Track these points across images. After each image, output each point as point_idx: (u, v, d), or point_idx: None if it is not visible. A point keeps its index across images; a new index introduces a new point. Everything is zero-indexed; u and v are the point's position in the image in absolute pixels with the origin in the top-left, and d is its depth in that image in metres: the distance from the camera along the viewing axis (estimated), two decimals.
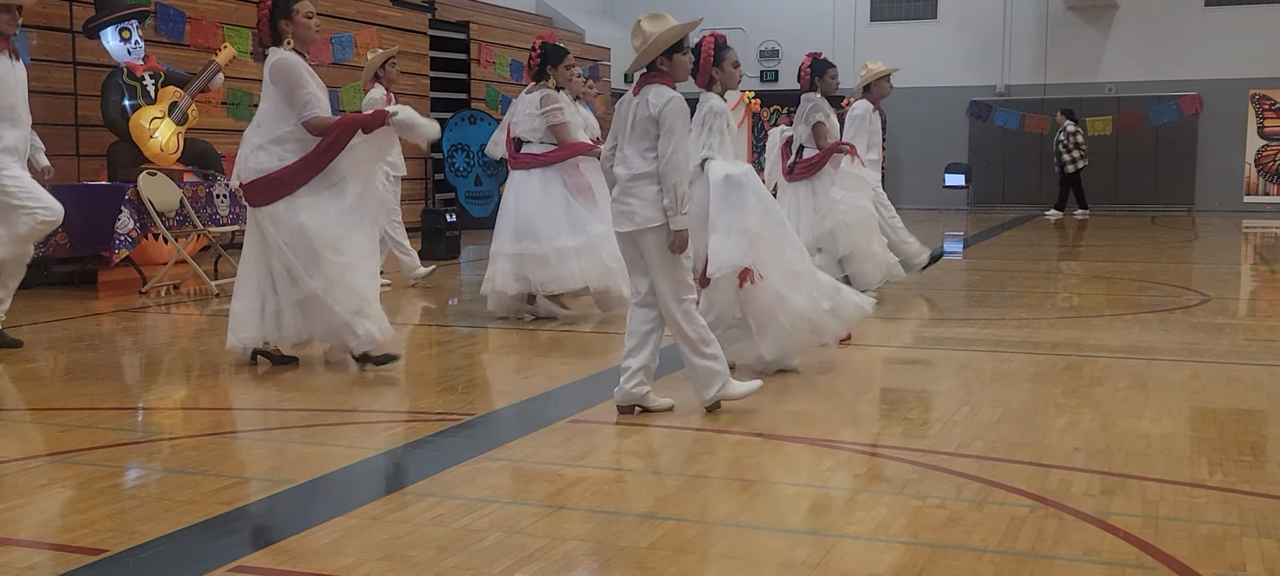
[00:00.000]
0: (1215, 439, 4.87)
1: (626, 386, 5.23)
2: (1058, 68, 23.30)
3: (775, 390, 5.86)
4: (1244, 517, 3.81)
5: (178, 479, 4.31)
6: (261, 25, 6.17)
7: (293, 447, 4.86)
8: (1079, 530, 3.68)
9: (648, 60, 5.13)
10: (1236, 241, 16.50)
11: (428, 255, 11.93)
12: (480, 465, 4.50)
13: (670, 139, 5.01)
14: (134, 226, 9.69)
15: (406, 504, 3.96)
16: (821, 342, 6.25)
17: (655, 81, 5.13)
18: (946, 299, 9.66)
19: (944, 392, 5.87)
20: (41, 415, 5.53)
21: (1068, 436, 4.88)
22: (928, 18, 24.00)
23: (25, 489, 4.18)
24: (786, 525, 3.81)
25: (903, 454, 4.62)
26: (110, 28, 11.11)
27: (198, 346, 7.39)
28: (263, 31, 6.17)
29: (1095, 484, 4.18)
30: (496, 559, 3.41)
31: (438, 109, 17.12)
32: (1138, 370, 6.40)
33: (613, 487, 4.24)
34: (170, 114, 11.03)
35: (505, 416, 5.43)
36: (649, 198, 5.09)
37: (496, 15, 20.14)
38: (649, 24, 5.10)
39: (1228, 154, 22.45)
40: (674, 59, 5.14)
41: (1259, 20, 21.97)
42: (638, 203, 5.12)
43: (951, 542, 3.57)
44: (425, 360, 6.72)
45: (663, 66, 5.14)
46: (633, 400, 5.27)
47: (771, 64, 24.83)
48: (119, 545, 3.52)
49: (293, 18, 6.12)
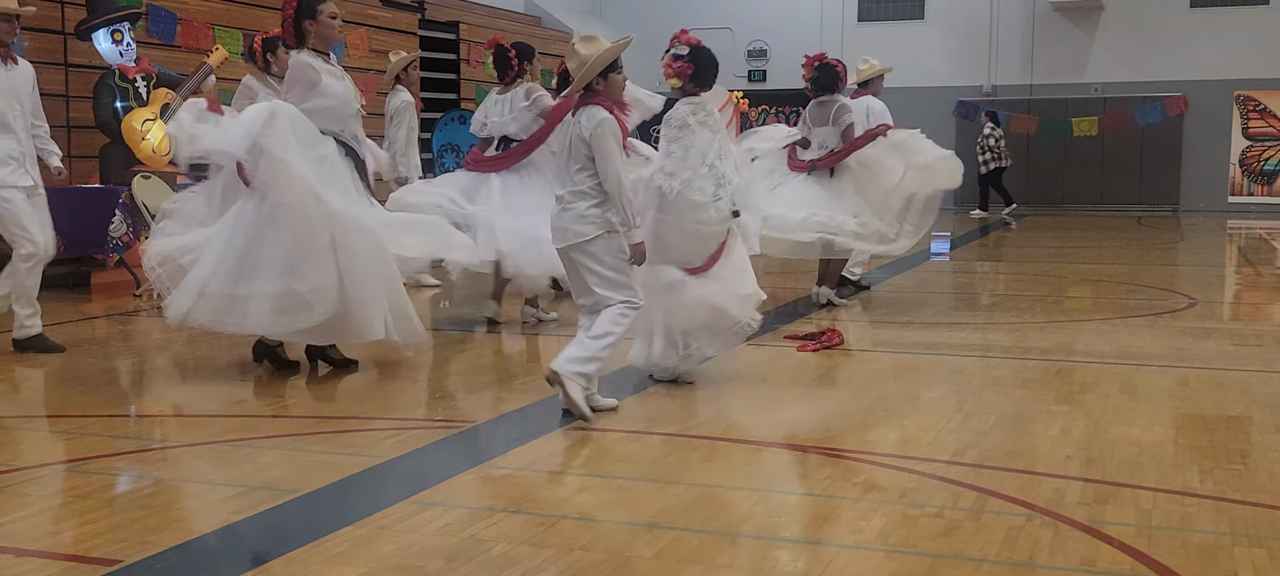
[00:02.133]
0: (1205, 446, 4.95)
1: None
2: (1044, 68, 23.43)
3: (773, 398, 5.94)
4: (1235, 526, 3.89)
5: (186, 488, 4.36)
6: (286, 26, 6.17)
7: (297, 455, 4.92)
8: (1074, 539, 3.76)
9: (585, 82, 5.30)
10: (1222, 242, 16.65)
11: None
12: (484, 473, 4.57)
13: (604, 161, 5.21)
14: (127, 230, 9.71)
15: (413, 513, 4.02)
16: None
17: (590, 103, 5.30)
18: (936, 301, 9.75)
19: (937, 399, 5.95)
20: (45, 422, 5.58)
21: (1060, 444, 4.96)
22: (915, 18, 24.11)
23: (36, 498, 4.23)
24: (788, 534, 3.88)
25: (899, 462, 4.70)
26: (102, 30, 11.11)
27: (193, 351, 7.42)
28: (287, 33, 6.18)
29: (1089, 492, 4.27)
30: (505, 569, 3.48)
31: (427, 109, 17.13)
32: (1127, 376, 6.50)
33: (615, 497, 4.30)
34: (162, 116, 11.03)
35: (506, 423, 5.49)
36: (580, 213, 5.30)
37: (486, 15, 20.17)
38: (583, 46, 5.28)
39: (1213, 154, 22.61)
40: (609, 78, 5.32)
41: (1244, 21, 22.13)
42: (571, 217, 5.34)
43: (950, 552, 3.64)
44: (422, 366, 6.77)
45: (598, 87, 5.31)
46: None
47: (759, 64, 24.91)
48: (133, 555, 3.57)
49: (316, 18, 6.14)
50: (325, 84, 6.13)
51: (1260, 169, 22.58)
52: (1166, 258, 14.29)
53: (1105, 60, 23.09)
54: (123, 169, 10.61)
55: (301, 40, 6.18)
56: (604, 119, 5.23)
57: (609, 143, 5.20)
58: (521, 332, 8.02)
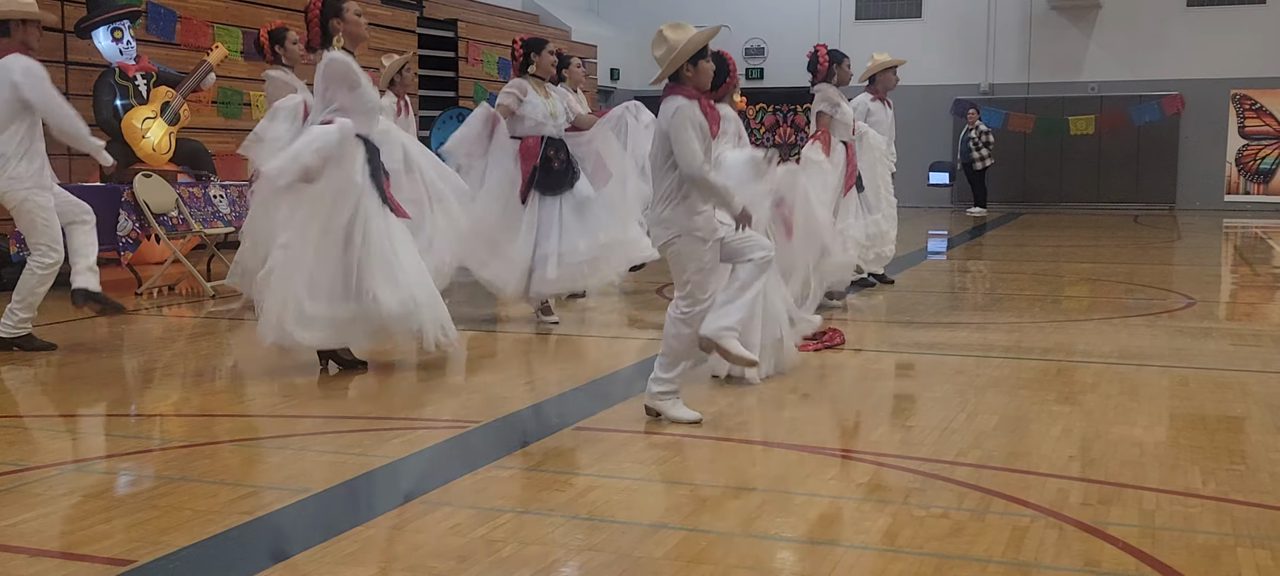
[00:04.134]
0: (1206, 447, 4.99)
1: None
2: (1041, 67, 23.50)
3: (774, 398, 5.97)
4: (1238, 527, 3.93)
5: (196, 487, 4.38)
6: (312, 26, 6.16)
7: (306, 455, 4.95)
8: (1079, 540, 3.80)
9: (673, 69, 5.13)
10: (1218, 241, 16.71)
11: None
12: (491, 474, 4.59)
13: (681, 148, 5.09)
14: (133, 227, 9.73)
15: (423, 513, 4.05)
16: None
17: (673, 93, 5.18)
18: (934, 301, 9.78)
19: (939, 400, 5.98)
20: (52, 421, 5.60)
21: (1063, 444, 5.00)
22: (912, 16, 24.17)
23: (47, 498, 4.26)
24: (795, 535, 3.91)
25: (903, 463, 4.73)
26: (102, 28, 11.13)
27: (197, 349, 7.44)
28: (313, 32, 6.17)
29: (1093, 493, 4.30)
30: (516, 569, 3.51)
31: (426, 107, 17.15)
32: (1128, 376, 6.53)
33: (622, 497, 4.33)
34: (162, 114, 11.06)
35: (511, 423, 5.51)
36: (659, 216, 5.26)
37: (485, 13, 20.19)
38: (672, 32, 5.12)
39: (1209, 153, 22.69)
40: (698, 66, 5.16)
41: (1240, 20, 22.20)
42: (654, 219, 5.33)
43: (956, 553, 3.68)
44: (426, 365, 6.80)
45: (687, 74, 5.16)
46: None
47: (757, 61, 24.95)
48: (145, 555, 3.59)
49: (343, 16, 6.14)
50: (365, 85, 6.17)
51: (1256, 167, 22.65)
52: (1164, 256, 14.34)
53: (1102, 59, 23.17)
54: (123, 167, 10.61)
55: (328, 41, 6.17)
56: (681, 105, 5.10)
57: (687, 129, 5.06)
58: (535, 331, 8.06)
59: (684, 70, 5.14)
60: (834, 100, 8.85)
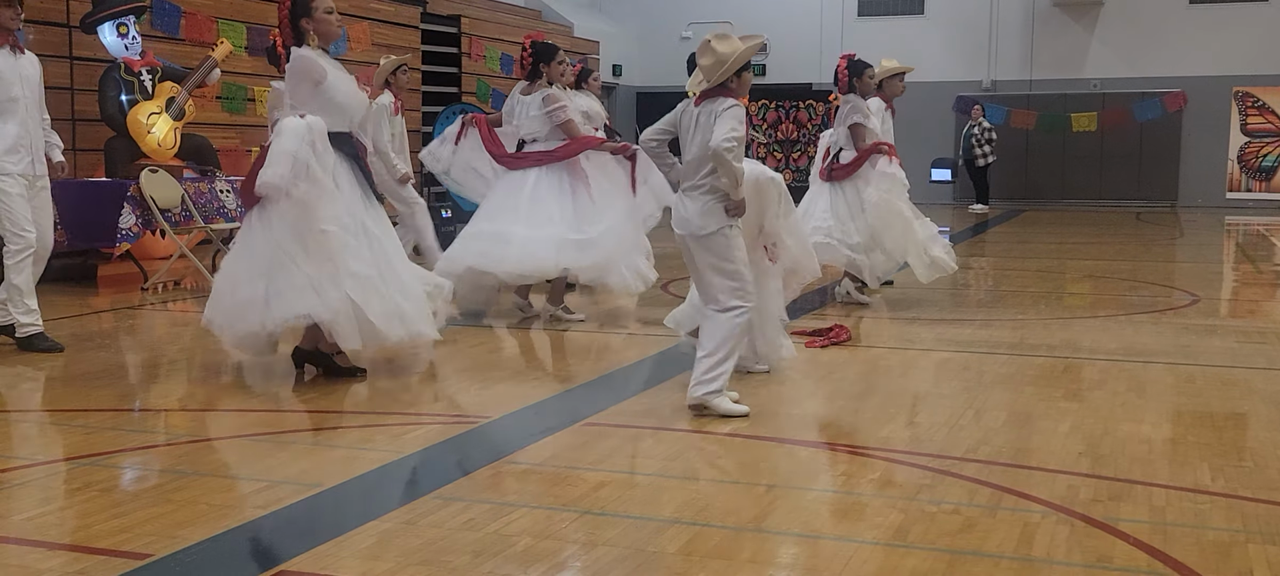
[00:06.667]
0: (1214, 444, 5.01)
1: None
2: (1043, 64, 23.49)
3: (784, 394, 5.99)
4: (1248, 524, 3.95)
5: (210, 482, 4.40)
6: (283, 26, 6.16)
7: (318, 450, 4.97)
8: (1091, 536, 3.82)
9: (721, 78, 5.38)
10: (1220, 238, 16.72)
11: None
12: (503, 469, 4.61)
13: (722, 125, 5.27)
14: (136, 221, 9.75)
15: (437, 508, 4.06)
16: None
17: (718, 94, 5.40)
18: (940, 297, 9.79)
19: (948, 396, 5.99)
20: (63, 417, 5.61)
21: (1072, 441, 5.02)
22: (914, 13, 24.16)
23: (60, 493, 4.28)
24: (808, 530, 3.93)
25: (914, 459, 4.75)
26: (107, 23, 11.12)
27: (203, 344, 7.45)
28: (284, 33, 6.17)
29: (1102, 489, 4.32)
30: (531, 564, 3.52)
31: (429, 103, 17.16)
32: (1135, 373, 6.55)
33: (635, 492, 4.35)
34: (168, 109, 11.06)
35: (521, 419, 5.53)
36: (704, 206, 5.39)
37: (487, 9, 20.18)
38: (720, 44, 5.37)
39: (1211, 150, 22.70)
40: (741, 77, 5.43)
41: (1242, 17, 22.20)
42: (695, 209, 5.43)
43: (968, 549, 3.70)
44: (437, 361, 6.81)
45: (732, 84, 5.42)
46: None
47: (759, 58, 24.93)
48: (162, 550, 3.61)
49: (313, 16, 6.14)
50: (332, 81, 6.10)
51: (1258, 165, 22.66)
52: (1166, 254, 14.36)
53: (1104, 56, 23.17)
54: (128, 162, 10.63)
55: (300, 39, 6.17)
56: (733, 104, 5.35)
57: (737, 120, 5.30)
58: (546, 326, 8.09)
59: (729, 79, 5.40)
60: (865, 111, 8.97)
